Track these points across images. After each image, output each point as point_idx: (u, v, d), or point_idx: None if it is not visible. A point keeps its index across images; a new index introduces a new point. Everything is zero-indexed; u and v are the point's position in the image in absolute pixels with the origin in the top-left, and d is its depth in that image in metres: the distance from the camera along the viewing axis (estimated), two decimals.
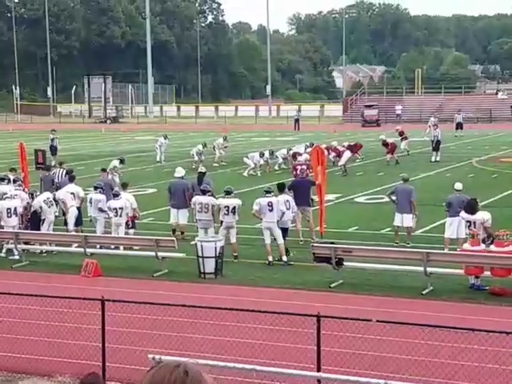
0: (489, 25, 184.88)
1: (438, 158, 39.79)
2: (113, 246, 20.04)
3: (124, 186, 21.97)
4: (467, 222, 17.14)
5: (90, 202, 21.17)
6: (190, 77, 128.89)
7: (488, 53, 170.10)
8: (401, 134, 43.53)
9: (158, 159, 41.55)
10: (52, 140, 42.72)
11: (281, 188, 20.37)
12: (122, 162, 29.86)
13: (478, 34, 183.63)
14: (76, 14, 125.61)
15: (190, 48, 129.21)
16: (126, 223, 20.59)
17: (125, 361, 11.69)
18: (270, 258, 18.91)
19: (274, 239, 19.13)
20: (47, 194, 21.24)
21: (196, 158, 38.50)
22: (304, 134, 55.55)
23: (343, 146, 37.44)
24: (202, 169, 23.61)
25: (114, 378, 11.46)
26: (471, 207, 17.38)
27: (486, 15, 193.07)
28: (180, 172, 22.94)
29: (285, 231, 19.55)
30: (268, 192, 19.60)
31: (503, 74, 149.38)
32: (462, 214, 17.48)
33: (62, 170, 25.51)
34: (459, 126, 58.11)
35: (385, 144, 39.84)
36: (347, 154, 35.82)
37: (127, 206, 20.44)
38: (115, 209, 20.30)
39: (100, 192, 21.31)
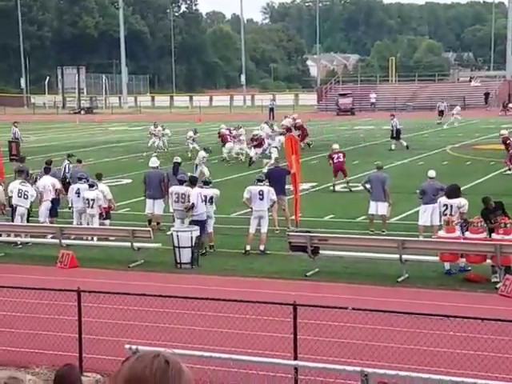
0: (461, 12, 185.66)
1: (393, 147, 39.86)
2: (90, 238, 19.92)
3: (98, 176, 21.81)
4: (444, 205, 17.21)
5: (77, 193, 20.80)
6: (164, 67, 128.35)
7: (461, 40, 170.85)
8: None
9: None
10: (14, 133, 41.79)
11: (193, 181, 19.98)
12: (207, 151, 30.23)
13: (450, 21, 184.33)
14: (48, 5, 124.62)
15: (164, 38, 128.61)
16: (100, 214, 20.45)
17: (101, 352, 11.67)
18: (248, 248, 18.91)
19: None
20: (19, 186, 20.81)
21: (191, 147, 38.17)
22: (279, 123, 55.43)
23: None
24: (177, 159, 23.53)
25: (91, 369, 11.43)
26: (453, 191, 17.49)
27: (458, 3, 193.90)
28: (155, 162, 22.87)
29: (201, 224, 18.78)
30: (260, 180, 19.62)
31: (476, 62, 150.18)
32: (442, 198, 17.56)
33: (68, 162, 25.20)
34: (441, 113, 58.56)
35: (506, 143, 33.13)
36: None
37: (100, 197, 20.30)
38: (87, 199, 20.19)
39: (85, 183, 21.07)
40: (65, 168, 25.02)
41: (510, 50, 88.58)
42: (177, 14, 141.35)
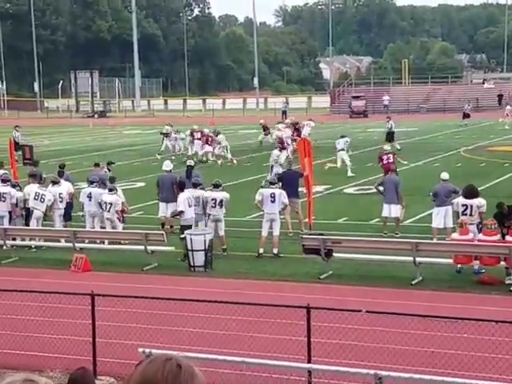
0: (474, 14, 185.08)
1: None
2: (103, 241, 19.97)
3: (112, 180, 21.82)
4: (463, 205, 17.19)
5: (89, 197, 20.87)
6: (177, 70, 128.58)
7: (474, 42, 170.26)
8: (264, 128, 43.47)
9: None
10: (16, 137, 41.74)
11: (181, 186, 19.89)
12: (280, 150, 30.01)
13: (463, 23, 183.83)
14: (62, 9, 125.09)
15: (177, 41, 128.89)
16: (118, 219, 20.45)
17: (115, 355, 11.68)
18: (261, 251, 18.91)
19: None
20: (37, 189, 20.92)
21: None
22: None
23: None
24: (190, 162, 23.57)
25: (105, 373, 11.45)
26: (471, 192, 17.49)
27: (471, 4, 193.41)
28: (168, 165, 22.90)
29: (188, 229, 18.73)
30: (272, 183, 19.63)
31: (489, 63, 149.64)
32: (460, 198, 17.53)
33: (106, 170, 24.74)
34: (466, 115, 58.41)
35: None
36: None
37: (118, 202, 20.34)
38: (105, 203, 20.24)
39: (96, 186, 21.13)
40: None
41: None
42: (190, 17, 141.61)
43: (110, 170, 24.65)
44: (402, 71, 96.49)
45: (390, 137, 40.58)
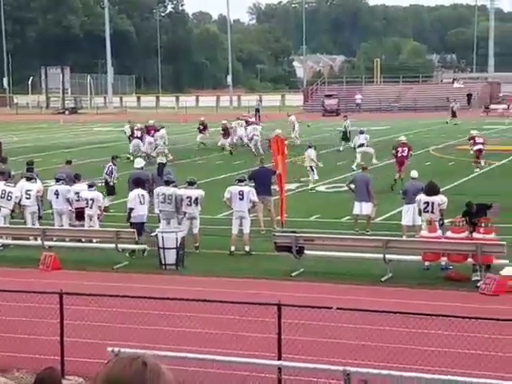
0: (445, 15, 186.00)
1: (341, 148, 40.11)
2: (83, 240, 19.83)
3: (77, 177, 21.59)
4: (425, 203, 17.39)
5: (56, 194, 20.73)
6: (150, 67, 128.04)
7: (444, 42, 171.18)
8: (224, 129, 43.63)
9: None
10: None
11: (136, 183, 19.99)
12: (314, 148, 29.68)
13: (434, 23, 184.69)
14: (32, 4, 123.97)
15: (150, 38, 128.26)
16: (98, 217, 20.33)
17: (84, 354, 11.62)
18: (233, 248, 18.96)
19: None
20: (3, 187, 20.72)
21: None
22: (265, 124, 55.55)
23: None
24: (161, 159, 23.53)
25: (73, 373, 11.40)
26: (432, 189, 17.69)
27: (442, 5, 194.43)
28: (139, 163, 22.88)
29: (140, 226, 18.83)
30: (240, 181, 19.67)
31: (459, 63, 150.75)
32: (422, 196, 17.71)
33: (111, 164, 24.87)
34: (454, 114, 58.79)
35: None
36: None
37: (99, 198, 20.23)
38: (86, 199, 20.11)
39: (63, 183, 21.04)
40: (108, 169, 24.78)
41: (491, 53, 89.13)
42: (163, 14, 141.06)
43: (115, 165, 24.89)
44: (374, 70, 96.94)
45: (346, 136, 40.89)
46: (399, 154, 28.25)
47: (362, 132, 34.29)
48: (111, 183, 24.43)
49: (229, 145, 41.49)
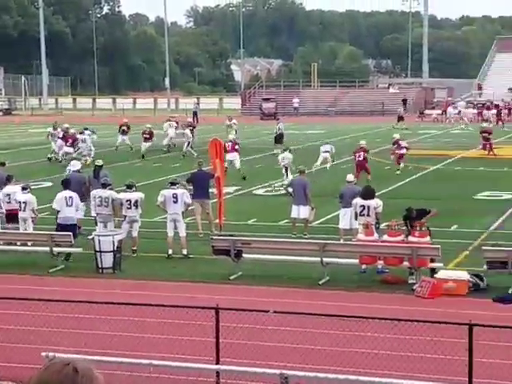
0: (380, 21, 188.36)
1: (275, 151, 40.40)
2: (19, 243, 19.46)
3: (9, 178, 21.23)
4: (361, 206, 17.61)
5: None
6: (86, 68, 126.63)
7: (380, 48, 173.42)
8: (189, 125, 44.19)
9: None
10: None
11: (64, 184, 19.86)
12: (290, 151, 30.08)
13: (370, 29, 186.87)
14: None
15: (86, 39, 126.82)
16: (32, 220, 19.98)
17: (18, 359, 11.45)
18: (170, 251, 18.91)
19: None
20: None
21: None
22: (203, 127, 55.51)
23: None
24: (98, 162, 23.31)
25: (6, 378, 11.21)
26: (368, 193, 17.95)
27: (377, 11, 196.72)
28: (76, 165, 22.66)
29: (69, 229, 18.64)
30: (173, 184, 19.61)
31: (394, 69, 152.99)
32: (358, 199, 17.93)
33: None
34: (401, 118, 59.43)
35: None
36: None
37: (32, 201, 19.89)
38: (19, 202, 19.78)
39: None
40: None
41: (425, 58, 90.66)
42: (99, 15, 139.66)
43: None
44: (311, 74, 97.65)
45: (279, 139, 41.20)
46: (357, 159, 29.45)
47: (327, 143, 35.55)
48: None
49: (167, 146, 41.35)
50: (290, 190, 21.33)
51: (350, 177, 20.11)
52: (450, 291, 15.22)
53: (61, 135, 38.98)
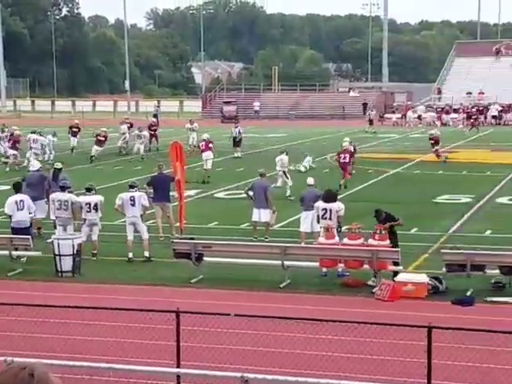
0: (341, 24, 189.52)
1: (239, 154, 40.69)
2: None
3: None
4: (323, 209, 17.67)
5: None
6: (45, 70, 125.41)
7: (340, 52, 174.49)
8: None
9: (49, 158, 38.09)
10: None
11: (16, 187, 19.68)
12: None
13: (330, 33, 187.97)
14: None
15: (45, 41, 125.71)
16: None
17: None
18: (131, 255, 18.82)
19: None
20: None
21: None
22: (164, 130, 55.35)
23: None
24: (57, 164, 23.14)
25: None
26: (330, 196, 18.02)
27: (337, 15, 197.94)
28: (35, 166, 22.65)
29: (23, 232, 18.46)
30: (131, 187, 19.54)
31: (355, 73, 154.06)
32: (319, 203, 18.00)
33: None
34: (371, 122, 59.70)
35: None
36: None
37: None
38: None
39: None
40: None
41: (385, 62, 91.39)
42: (58, 16, 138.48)
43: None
44: (272, 78, 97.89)
45: (236, 142, 41.34)
46: (341, 160, 29.72)
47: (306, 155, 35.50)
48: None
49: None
50: (251, 193, 21.34)
51: (311, 180, 20.17)
52: (409, 294, 15.36)
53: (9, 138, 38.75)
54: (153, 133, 44.58)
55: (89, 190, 19.53)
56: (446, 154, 38.86)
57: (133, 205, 19.09)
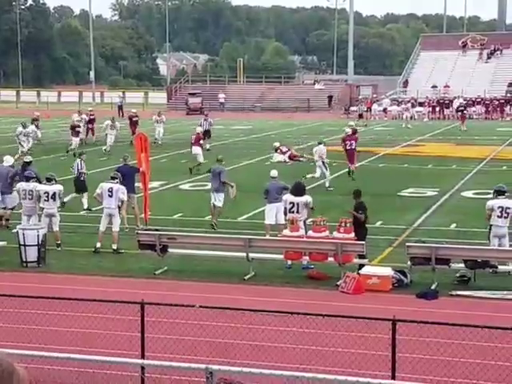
0: (306, 17, 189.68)
1: (208, 147, 40.28)
2: None
3: None
4: (290, 203, 17.69)
5: None
6: (10, 61, 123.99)
7: (306, 44, 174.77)
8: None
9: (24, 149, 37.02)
10: None
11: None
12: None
13: (296, 25, 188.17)
14: None
15: (10, 31, 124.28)
16: None
17: None
18: (99, 245, 18.75)
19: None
20: None
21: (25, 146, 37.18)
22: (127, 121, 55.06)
23: None
24: (27, 158, 22.99)
25: None
26: (298, 189, 18.01)
27: (303, 7, 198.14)
28: (9, 161, 22.59)
29: None
30: (113, 178, 19.52)
31: (320, 65, 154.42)
32: (287, 196, 18.02)
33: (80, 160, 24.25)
34: (361, 116, 60.10)
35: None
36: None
37: None
38: None
39: None
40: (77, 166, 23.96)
41: (350, 55, 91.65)
42: (23, 6, 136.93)
43: (82, 160, 24.02)
44: (237, 70, 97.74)
45: (207, 134, 41.05)
46: (347, 147, 29.61)
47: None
48: (82, 178, 23.64)
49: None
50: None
51: (274, 172, 20.16)
52: (373, 287, 15.45)
53: None
54: (134, 121, 44.32)
55: (49, 179, 19.44)
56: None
57: (110, 196, 19.09)
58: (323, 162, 28.37)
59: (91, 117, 44.64)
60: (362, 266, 16.29)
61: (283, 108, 77.49)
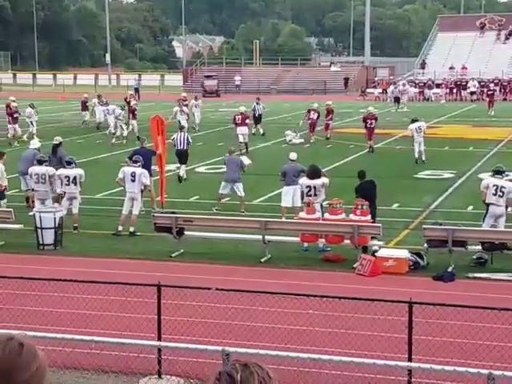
0: None
1: (261, 131, 39.90)
2: None
3: None
4: (307, 186, 17.68)
5: None
6: (26, 43, 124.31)
7: (322, 26, 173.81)
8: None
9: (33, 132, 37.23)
10: None
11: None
12: None
13: (312, 7, 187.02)
14: None
15: (26, 14, 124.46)
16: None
17: None
18: (120, 228, 18.79)
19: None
20: None
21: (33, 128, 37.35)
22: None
23: None
24: (56, 139, 22.90)
25: None
26: (314, 172, 17.99)
27: None
28: (35, 144, 22.69)
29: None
30: (135, 162, 19.54)
31: (336, 47, 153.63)
32: (303, 179, 18.02)
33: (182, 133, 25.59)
34: (397, 99, 58.70)
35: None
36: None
37: None
38: None
39: None
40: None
41: (367, 37, 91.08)
42: None
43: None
44: (253, 52, 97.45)
45: (258, 119, 40.31)
46: (368, 126, 31.89)
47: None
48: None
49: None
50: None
51: (293, 155, 20.12)
52: (390, 269, 15.43)
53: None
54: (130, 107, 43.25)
55: (69, 163, 19.49)
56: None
57: (133, 180, 19.11)
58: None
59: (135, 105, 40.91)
60: (365, 248, 16.23)
61: (299, 90, 77.24)
